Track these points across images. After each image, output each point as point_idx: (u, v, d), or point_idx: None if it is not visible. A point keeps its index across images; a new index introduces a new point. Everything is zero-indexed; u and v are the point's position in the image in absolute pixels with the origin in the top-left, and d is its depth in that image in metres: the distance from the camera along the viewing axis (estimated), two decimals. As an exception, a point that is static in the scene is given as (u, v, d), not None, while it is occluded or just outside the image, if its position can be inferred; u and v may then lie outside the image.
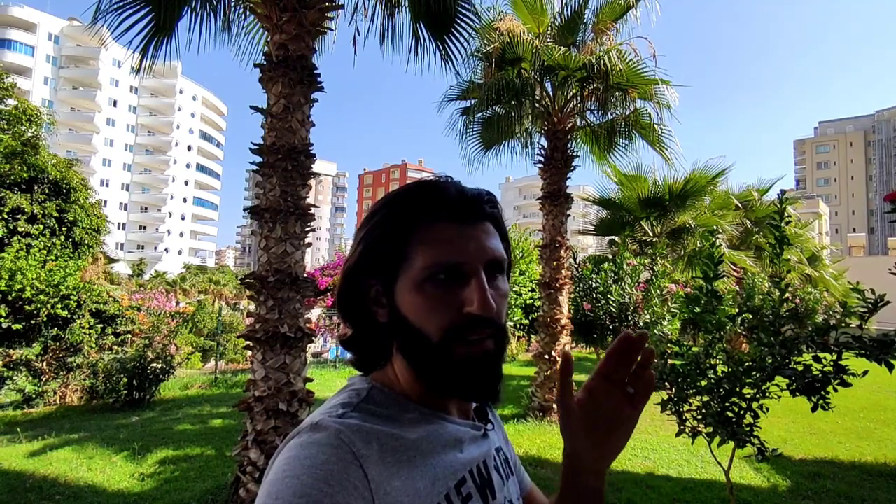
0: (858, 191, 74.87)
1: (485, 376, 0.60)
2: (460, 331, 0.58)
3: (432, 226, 0.60)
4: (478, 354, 0.59)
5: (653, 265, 8.29)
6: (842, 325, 2.61)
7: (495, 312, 0.59)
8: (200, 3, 4.36)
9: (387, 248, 0.61)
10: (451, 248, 0.59)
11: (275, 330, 3.66)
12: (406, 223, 0.61)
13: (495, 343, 0.60)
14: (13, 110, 12.52)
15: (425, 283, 0.58)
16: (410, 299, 0.59)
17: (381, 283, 0.62)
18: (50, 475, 4.62)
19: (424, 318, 0.59)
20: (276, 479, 0.49)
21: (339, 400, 0.61)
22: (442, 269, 0.58)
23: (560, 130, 7.26)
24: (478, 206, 0.63)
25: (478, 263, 0.59)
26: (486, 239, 0.62)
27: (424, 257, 0.59)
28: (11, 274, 7.44)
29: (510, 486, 0.69)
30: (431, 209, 0.61)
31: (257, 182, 4.01)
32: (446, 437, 0.61)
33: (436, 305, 0.58)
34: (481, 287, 0.58)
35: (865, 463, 5.18)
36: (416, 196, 0.63)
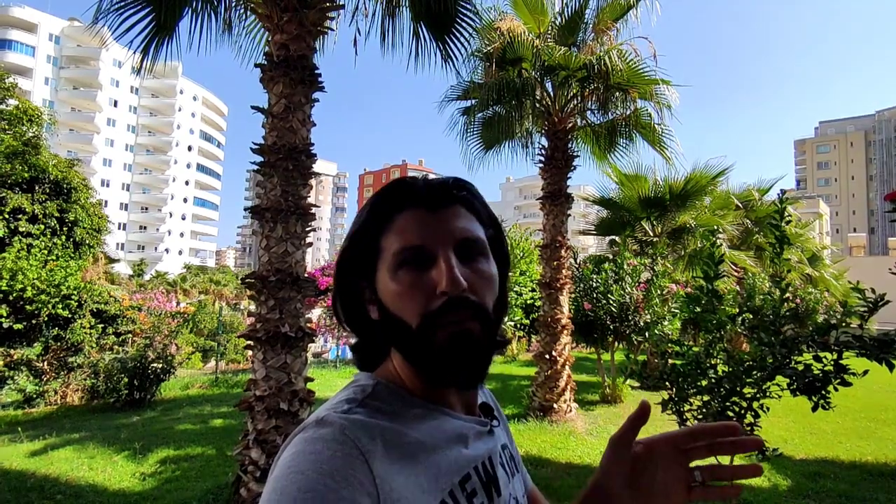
0: (859, 191, 74.82)
1: (468, 359, 0.59)
2: (437, 314, 0.58)
3: (399, 215, 0.62)
4: (459, 336, 0.58)
5: (653, 265, 8.29)
6: (842, 324, 2.61)
7: (471, 290, 0.59)
8: (201, 4, 4.36)
9: (364, 246, 0.64)
10: (417, 233, 0.61)
11: (276, 329, 3.67)
12: (378, 217, 0.64)
13: (481, 325, 0.59)
14: (14, 110, 12.53)
15: (398, 271, 0.60)
16: (387, 289, 0.61)
17: (367, 280, 0.64)
18: (51, 474, 4.63)
19: (402, 305, 0.60)
20: (282, 475, 0.50)
21: (345, 396, 0.61)
22: (410, 253, 0.60)
23: (560, 130, 7.26)
24: (443, 192, 0.64)
25: (444, 244, 0.60)
26: (454, 221, 0.63)
27: (394, 246, 0.61)
28: (12, 274, 7.45)
29: (515, 484, 0.69)
30: (399, 200, 0.63)
31: (258, 182, 4.01)
32: (451, 433, 0.61)
33: (409, 291, 0.59)
34: (447, 265, 0.58)
35: (866, 463, 5.18)
36: (388, 192, 0.65)
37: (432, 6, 4.35)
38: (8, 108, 12.64)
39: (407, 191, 0.64)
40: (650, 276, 8.06)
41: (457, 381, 0.61)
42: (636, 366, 3.28)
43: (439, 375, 0.60)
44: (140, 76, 4.58)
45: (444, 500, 0.56)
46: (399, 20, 4.82)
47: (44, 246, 10.82)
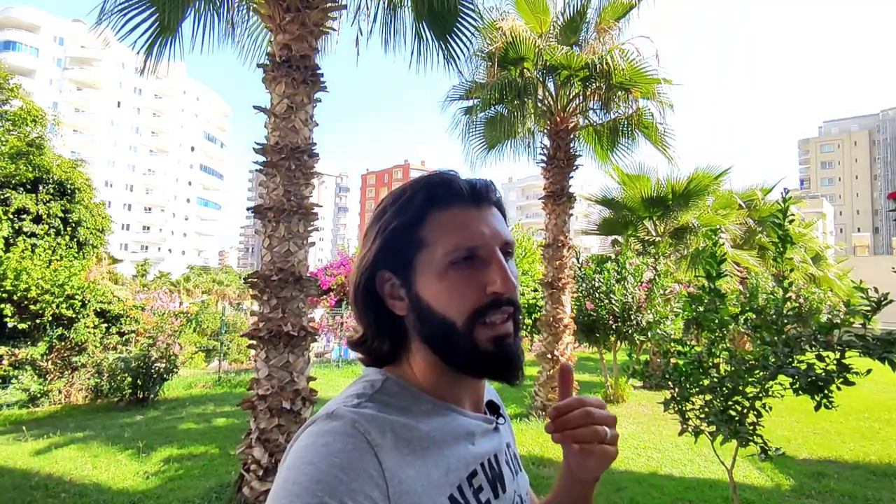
0: (863, 190, 74.47)
1: (508, 356, 0.62)
2: (484, 312, 0.60)
3: (446, 212, 0.62)
4: (501, 335, 0.61)
5: (656, 264, 8.28)
6: (845, 323, 2.61)
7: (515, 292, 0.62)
8: (203, 4, 4.38)
9: (404, 239, 0.62)
10: (470, 232, 0.61)
11: (278, 328, 3.68)
12: (420, 212, 0.62)
13: (514, 325, 0.62)
14: (18, 111, 12.58)
15: (447, 269, 0.60)
16: (433, 287, 0.61)
17: (398, 276, 0.63)
18: (55, 473, 4.65)
19: (449, 304, 0.60)
20: (293, 466, 0.50)
21: (355, 390, 0.62)
22: (465, 252, 0.60)
23: (562, 130, 7.26)
24: (486, 192, 0.65)
25: (495, 245, 0.62)
26: (497, 223, 0.64)
27: (444, 243, 0.60)
28: (17, 274, 7.48)
29: (520, 481, 0.70)
30: (445, 196, 0.63)
31: (261, 182, 4.03)
32: (459, 430, 0.62)
33: (459, 289, 0.60)
34: (502, 266, 0.60)
35: (870, 462, 5.17)
36: (427, 186, 0.64)
37: (434, 6, 4.36)
38: (12, 109, 12.70)
39: (448, 186, 0.64)
40: (652, 276, 8.05)
41: (496, 376, 0.63)
42: (638, 365, 3.28)
43: (481, 371, 0.63)
44: (143, 77, 4.60)
45: (452, 495, 0.56)
46: (401, 20, 4.83)
47: (48, 246, 10.87)
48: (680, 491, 4.31)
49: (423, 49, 4.88)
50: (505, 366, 0.62)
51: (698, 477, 4.68)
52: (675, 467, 4.95)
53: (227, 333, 12.17)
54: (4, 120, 12.51)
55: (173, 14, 4.16)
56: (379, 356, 0.67)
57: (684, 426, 2.91)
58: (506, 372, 0.62)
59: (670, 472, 4.84)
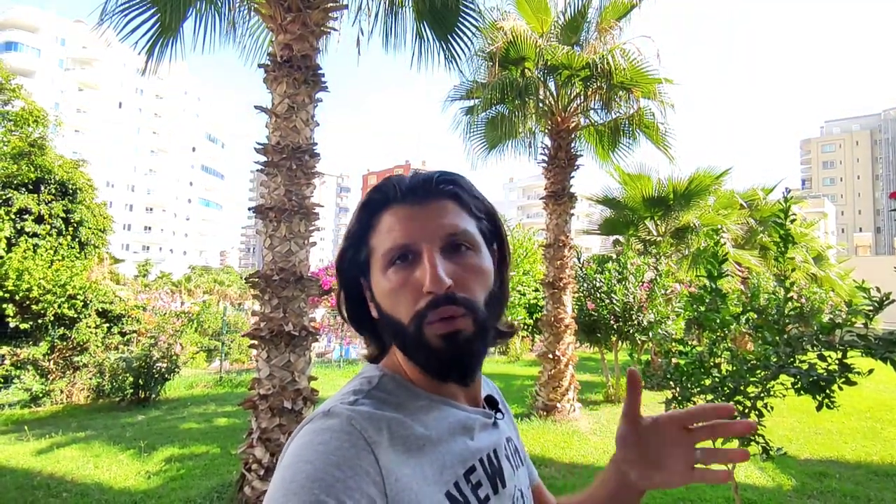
0: (865, 190, 74.31)
1: (459, 357, 0.59)
2: (424, 312, 0.58)
3: (384, 213, 0.63)
4: (449, 336, 0.58)
5: (657, 264, 8.27)
6: (847, 323, 2.60)
7: (459, 286, 0.58)
8: (205, 5, 4.39)
9: (356, 246, 0.64)
10: (401, 231, 0.60)
11: (279, 328, 3.68)
12: (366, 217, 0.64)
13: (472, 320, 0.59)
14: (20, 112, 12.61)
15: (387, 270, 0.60)
16: (380, 288, 0.61)
17: (366, 279, 0.65)
18: (57, 473, 4.66)
19: (393, 305, 0.60)
20: (290, 464, 0.50)
21: (351, 387, 0.62)
22: (396, 253, 0.60)
23: (563, 129, 7.25)
24: (428, 186, 0.63)
25: (429, 241, 0.59)
26: (439, 216, 0.61)
27: (381, 245, 0.61)
28: (19, 274, 7.49)
29: (520, 476, 0.70)
30: (383, 200, 0.63)
31: (262, 181, 4.03)
32: (456, 425, 0.62)
33: (399, 290, 0.59)
34: (430, 264, 0.58)
35: (872, 463, 5.15)
36: (375, 190, 0.65)
37: (435, 5, 4.37)
38: (14, 109, 12.73)
39: (392, 188, 0.64)
40: (654, 276, 8.04)
41: (450, 378, 0.62)
42: (640, 365, 3.28)
43: (433, 373, 0.61)
44: (145, 77, 4.61)
45: (449, 492, 0.56)
46: (402, 20, 4.83)
47: (49, 246, 10.88)
48: (681, 491, 4.31)
49: (424, 49, 4.88)
50: (454, 364, 0.60)
51: (700, 477, 4.67)
52: (677, 467, 4.94)
53: (229, 333, 12.19)
54: (6, 120, 12.54)
55: (174, 14, 4.17)
56: (373, 356, 0.69)
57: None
58: (460, 370, 0.61)
59: (672, 472, 4.83)
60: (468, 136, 7.84)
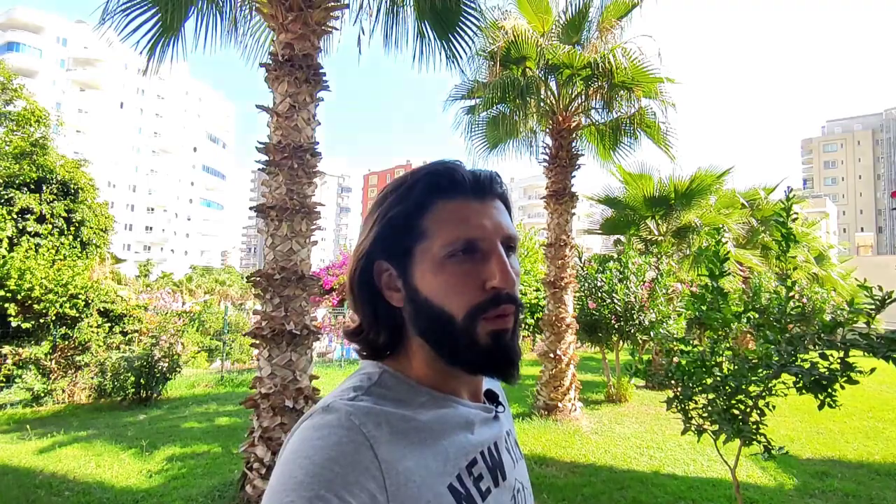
0: (866, 190, 74.14)
1: (506, 352, 0.61)
2: (484, 307, 0.59)
3: (449, 203, 0.61)
4: (500, 330, 0.60)
5: (658, 264, 8.26)
6: (849, 322, 2.60)
7: (515, 287, 0.60)
8: (206, 4, 4.40)
9: (403, 228, 0.61)
10: (470, 225, 0.60)
11: (281, 327, 3.69)
12: (421, 202, 0.61)
13: (514, 320, 0.61)
14: (22, 112, 12.64)
15: (446, 262, 0.59)
16: (431, 279, 0.59)
17: (396, 266, 0.62)
18: (59, 472, 4.67)
19: (447, 297, 0.59)
20: (289, 460, 0.51)
21: (351, 383, 0.61)
22: (463, 245, 0.59)
23: (565, 129, 7.25)
24: (490, 184, 0.64)
25: (496, 239, 0.60)
26: (500, 216, 0.63)
27: (444, 235, 0.59)
28: (21, 273, 7.50)
29: (519, 468, 0.70)
30: (446, 187, 0.61)
31: (263, 181, 4.03)
32: (457, 420, 0.62)
33: (459, 283, 0.59)
34: (502, 261, 0.59)
35: (873, 462, 5.15)
36: (429, 175, 0.62)
37: (436, 5, 4.37)
38: (16, 109, 12.75)
39: (451, 177, 0.62)
40: (655, 275, 8.03)
41: (492, 372, 0.63)
42: (641, 365, 3.27)
43: (478, 367, 0.62)
44: (146, 76, 4.61)
45: (451, 484, 0.56)
46: (403, 19, 4.83)
47: (51, 245, 10.91)
48: (683, 490, 4.31)
49: (426, 48, 4.88)
50: (502, 362, 0.61)
51: (701, 476, 4.67)
52: (678, 466, 4.94)
53: (230, 333, 12.20)
54: (8, 120, 12.57)
55: (176, 14, 4.18)
56: (375, 347, 0.66)
57: (687, 425, 2.90)
58: (503, 369, 0.62)
59: (673, 471, 4.83)
60: (469, 136, 7.84)
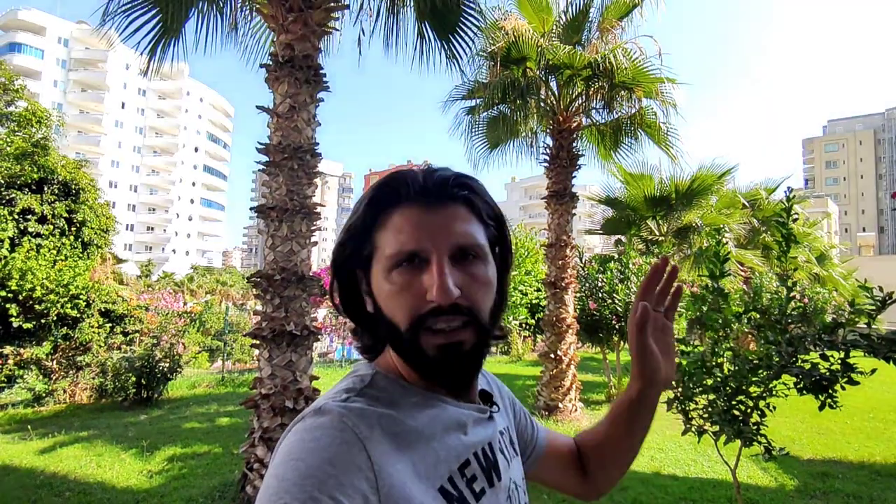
0: (868, 190, 74.04)
1: (455, 367, 0.60)
2: (425, 319, 0.57)
3: (395, 212, 0.60)
4: (448, 344, 0.58)
5: (659, 264, 8.24)
6: (850, 323, 2.59)
7: (465, 297, 0.58)
8: (207, 5, 4.40)
9: (358, 239, 0.62)
10: (411, 235, 0.58)
11: (281, 328, 3.69)
12: (370, 212, 0.61)
13: (473, 332, 0.59)
14: (24, 112, 12.66)
15: (391, 273, 0.59)
16: (380, 288, 0.60)
17: (364, 273, 0.63)
18: (60, 472, 4.67)
19: (393, 307, 0.59)
20: (282, 462, 0.50)
21: (344, 385, 0.62)
22: (403, 256, 0.58)
23: (565, 129, 7.24)
24: (443, 189, 0.61)
25: (439, 250, 0.58)
26: (452, 224, 0.60)
27: (387, 246, 0.59)
28: (22, 274, 7.51)
29: (514, 467, 0.70)
30: (394, 196, 0.61)
31: (263, 181, 4.04)
32: (449, 421, 0.62)
33: (400, 294, 0.58)
34: (440, 273, 0.56)
35: (875, 462, 5.13)
36: (384, 184, 0.62)
37: (436, 5, 4.37)
38: (17, 110, 12.78)
39: (404, 186, 0.61)
40: (656, 276, 8.01)
41: (444, 387, 0.63)
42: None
43: (428, 378, 0.62)
44: (147, 77, 4.62)
45: (443, 486, 0.56)
46: (403, 20, 4.83)
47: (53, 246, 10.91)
48: (683, 491, 4.30)
49: (426, 49, 4.88)
50: (448, 376, 0.61)
51: (701, 477, 4.66)
52: (679, 467, 4.94)
53: (231, 333, 12.21)
54: (10, 121, 12.59)
55: (176, 15, 4.18)
56: (367, 347, 0.68)
57: (687, 426, 2.90)
58: (450, 383, 0.62)
59: (673, 471, 4.82)
60: (470, 136, 7.84)
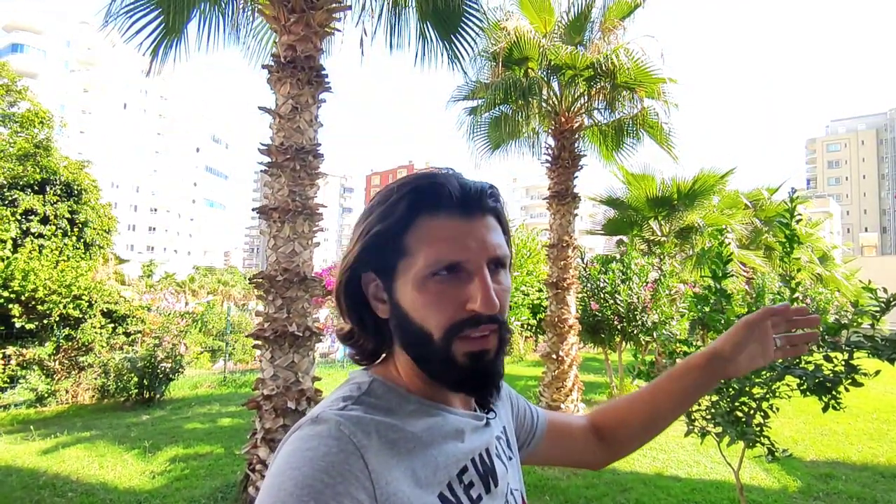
0: (870, 190, 73.84)
1: (485, 373, 0.60)
2: (461, 326, 0.57)
3: (433, 221, 0.59)
4: (478, 351, 0.59)
5: (661, 265, 8.24)
6: (853, 324, 2.58)
7: (499, 308, 0.58)
8: (209, 6, 4.40)
9: (386, 244, 0.60)
10: (454, 246, 0.58)
11: (283, 329, 3.69)
12: (406, 217, 0.59)
13: (498, 339, 0.60)
14: (26, 113, 12.70)
15: (427, 281, 0.58)
16: (412, 296, 0.59)
17: (381, 278, 0.62)
18: (62, 472, 4.68)
19: (426, 315, 0.58)
20: (279, 472, 0.50)
21: (341, 393, 0.61)
22: (445, 266, 0.57)
23: (567, 129, 7.23)
24: (480, 200, 0.61)
25: (481, 260, 0.58)
26: (488, 235, 0.60)
27: (426, 254, 0.58)
28: (24, 274, 7.53)
29: (513, 469, 0.71)
30: (432, 203, 0.59)
31: (265, 182, 4.04)
32: (447, 428, 0.62)
33: (438, 302, 0.58)
34: (485, 285, 0.57)
35: (878, 464, 5.12)
36: (416, 189, 0.60)
37: (438, 6, 4.37)
38: (20, 111, 12.82)
39: (439, 191, 0.59)
40: (658, 276, 8.01)
41: (469, 392, 0.63)
42: (644, 366, 3.26)
43: (454, 385, 0.62)
44: (149, 78, 4.63)
45: (441, 493, 0.56)
46: (405, 20, 4.84)
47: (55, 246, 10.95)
48: (686, 492, 4.29)
49: (428, 49, 4.88)
50: (480, 382, 0.61)
51: (704, 478, 4.65)
52: (681, 468, 4.93)
53: (233, 334, 12.23)
54: (12, 122, 12.63)
55: (178, 16, 4.18)
56: (366, 353, 0.67)
57: (690, 427, 2.89)
58: (481, 389, 0.62)
59: (676, 473, 4.81)
60: (472, 136, 7.84)
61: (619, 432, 0.88)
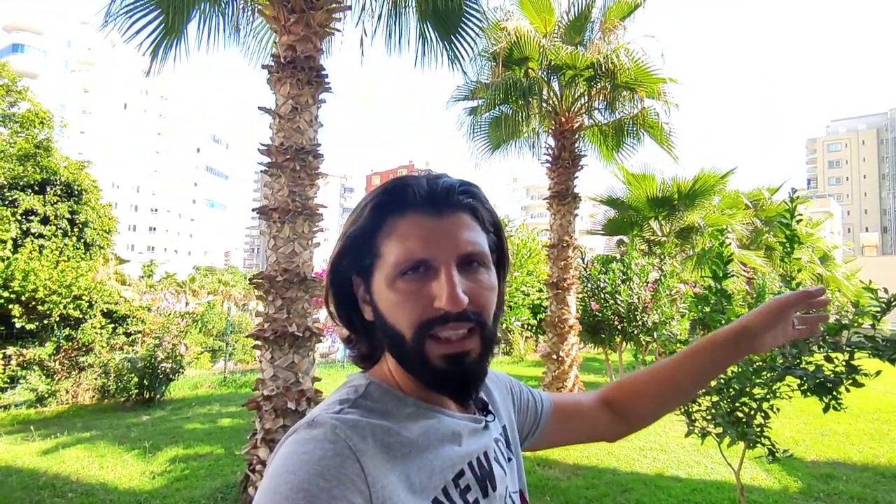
0: (871, 190, 73.80)
1: (464, 376, 0.59)
2: (430, 325, 0.57)
3: (400, 220, 0.59)
4: (456, 354, 0.58)
5: (661, 265, 8.24)
6: (854, 324, 2.57)
7: (472, 304, 0.57)
8: (209, 6, 4.40)
9: (361, 245, 0.61)
10: (420, 244, 0.58)
11: (283, 329, 3.69)
12: (376, 218, 0.60)
13: (479, 339, 0.59)
14: (26, 114, 12.71)
15: (397, 280, 0.58)
16: (384, 296, 0.59)
17: (363, 280, 0.62)
18: (62, 473, 4.68)
19: (397, 315, 0.58)
20: (275, 475, 0.50)
21: (337, 397, 0.61)
22: (411, 264, 0.57)
23: (567, 130, 7.23)
24: (449, 197, 0.61)
25: (447, 258, 0.58)
26: (458, 231, 0.59)
27: (394, 254, 0.58)
28: (25, 274, 7.54)
29: (512, 471, 0.70)
30: (400, 203, 0.60)
31: (265, 182, 4.04)
32: (444, 432, 0.61)
33: (406, 301, 0.57)
34: (450, 282, 0.56)
35: (879, 464, 5.11)
36: (387, 191, 0.61)
37: (438, 6, 4.37)
38: (20, 111, 12.82)
39: (410, 192, 0.60)
40: (658, 276, 8.01)
41: (445, 393, 0.62)
42: (644, 366, 3.26)
43: (433, 388, 0.61)
44: (149, 78, 4.63)
45: (436, 498, 0.56)
46: (405, 20, 4.84)
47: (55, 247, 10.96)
48: (686, 492, 4.28)
49: (428, 49, 4.88)
50: (455, 386, 0.60)
51: (705, 478, 4.65)
52: (682, 469, 4.92)
53: (233, 334, 12.23)
54: (13, 122, 12.64)
55: (178, 16, 4.18)
56: (363, 356, 0.67)
57: (691, 427, 2.89)
58: (461, 392, 0.61)
59: (676, 473, 4.80)
60: (472, 137, 7.85)
61: (638, 405, 0.89)
